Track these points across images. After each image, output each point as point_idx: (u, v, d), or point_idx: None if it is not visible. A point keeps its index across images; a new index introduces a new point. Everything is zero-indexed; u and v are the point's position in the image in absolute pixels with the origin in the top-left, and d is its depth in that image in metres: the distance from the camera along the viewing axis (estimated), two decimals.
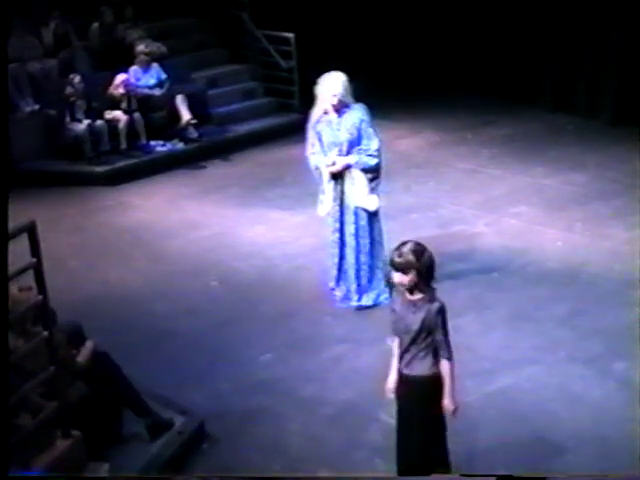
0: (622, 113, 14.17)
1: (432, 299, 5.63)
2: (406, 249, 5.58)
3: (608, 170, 12.33)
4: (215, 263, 10.08)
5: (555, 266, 9.61)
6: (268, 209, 11.58)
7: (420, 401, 5.73)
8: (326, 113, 8.60)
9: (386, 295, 8.77)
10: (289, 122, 14.99)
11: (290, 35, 15.14)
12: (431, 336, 5.62)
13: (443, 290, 5.90)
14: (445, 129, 14.48)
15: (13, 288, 6.13)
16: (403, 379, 5.79)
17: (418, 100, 15.54)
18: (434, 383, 5.68)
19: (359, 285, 8.86)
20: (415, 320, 5.60)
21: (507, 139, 13.96)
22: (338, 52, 14.83)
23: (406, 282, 5.59)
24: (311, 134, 8.75)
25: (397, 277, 5.62)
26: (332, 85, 8.45)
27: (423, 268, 5.56)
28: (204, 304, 9.15)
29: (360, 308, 8.87)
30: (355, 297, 8.89)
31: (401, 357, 5.77)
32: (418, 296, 5.63)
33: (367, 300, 8.89)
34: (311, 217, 10.96)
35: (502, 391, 7.19)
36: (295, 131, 14.58)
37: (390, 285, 8.50)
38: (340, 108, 8.52)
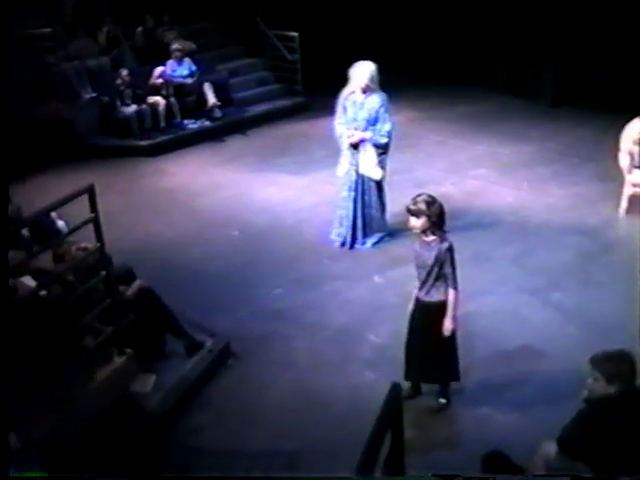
0: (560, 97, 14.14)
1: (443, 240, 5.68)
2: (419, 199, 5.66)
3: (548, 141, 12.28)
4: (236, 217, 10.04)
5: (507, 217, 9.60)
6: (278, 174, 11.50)
7: (438, 322, 5.75)
8: (353, 92, 8.50)
9: (383, 237, 8.88)
10: (295, 104, 14.96)
11: (295, 34, 15.01)
12: (442, 269, 5.67)
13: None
14: (419, 108, 14.35)
15: (72, 247, 6.19)
16: (425, 305, 5.82)
17: (398, 84, 15.32)
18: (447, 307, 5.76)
19: (365, 232, 8.85)
20: (430, 256, 5.67)
21: (468, 116, 13.85)
22: (334, 47, 14.70)
23: (418, 225, 5.65)
24: (339, 108, 8.63)
25: (412, 221, 5.68)
26: (362, 72, 8.35)
27: (433, 215, 5.61)
28: (228, 250, 9.13)
29: (360, 249, 8.86)
30: (361, 241, 8.88)
31: (420, 287, 5.80)
32: (431, 237, 5.68)
33: (370, 242, 8.89)
34: (313, 180, 10.98)
35: (465, 315, 7.12)
36: (299, 111, 14.64)
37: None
38: (366, 91, 8.41)
